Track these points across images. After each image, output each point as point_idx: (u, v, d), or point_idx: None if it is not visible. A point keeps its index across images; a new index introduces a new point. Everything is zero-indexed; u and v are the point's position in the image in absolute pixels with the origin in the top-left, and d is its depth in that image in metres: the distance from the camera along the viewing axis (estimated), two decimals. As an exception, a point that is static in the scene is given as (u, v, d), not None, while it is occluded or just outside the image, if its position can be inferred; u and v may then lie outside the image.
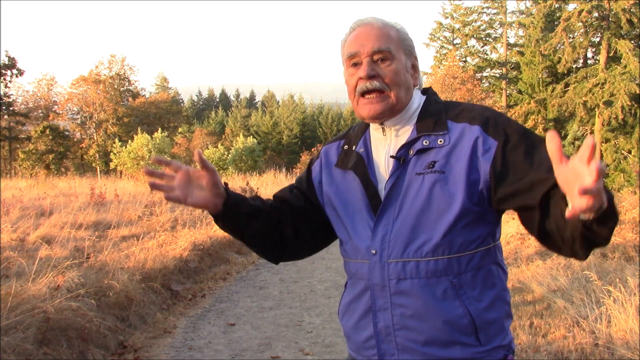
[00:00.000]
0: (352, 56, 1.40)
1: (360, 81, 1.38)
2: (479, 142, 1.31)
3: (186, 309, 5.55)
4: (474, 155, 1.31)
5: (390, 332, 1.37)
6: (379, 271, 1.37)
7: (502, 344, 1.38)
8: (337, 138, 1.59)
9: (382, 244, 1.36)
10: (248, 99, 68.90)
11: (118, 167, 30.14)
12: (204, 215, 9.16)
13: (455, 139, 1.34)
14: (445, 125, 1.36)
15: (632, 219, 8.88)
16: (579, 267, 5.49)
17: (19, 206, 9.87)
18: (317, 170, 1.56)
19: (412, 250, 1.34)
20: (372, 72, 1.37)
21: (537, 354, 3.82)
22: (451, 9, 40.40)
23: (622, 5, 28.15)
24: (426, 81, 37.98)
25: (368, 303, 1.41)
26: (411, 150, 1.37)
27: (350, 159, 1.47)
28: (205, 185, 1.39)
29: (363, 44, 1.38)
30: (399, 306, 1.35)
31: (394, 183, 1.36)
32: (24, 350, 3.48)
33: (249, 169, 31.12)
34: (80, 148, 41.87)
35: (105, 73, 43.39)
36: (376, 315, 1.39)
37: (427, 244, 1.33)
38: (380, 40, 1.37)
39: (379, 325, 1.38)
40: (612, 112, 28.16)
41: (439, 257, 1.33)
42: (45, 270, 4.59)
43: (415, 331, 1.34)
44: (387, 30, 1.40)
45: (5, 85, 37.29)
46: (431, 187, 1.32)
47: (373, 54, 1.37)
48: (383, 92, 1.37)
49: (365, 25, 1.41)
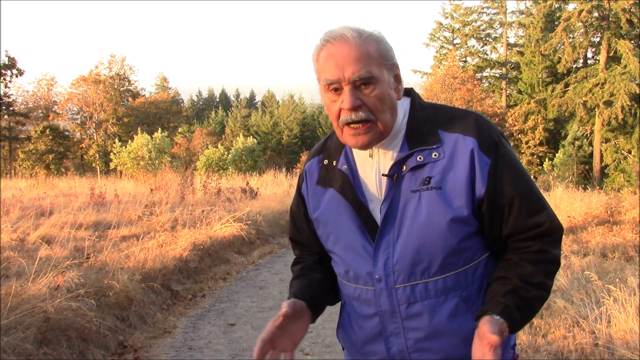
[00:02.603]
0: (331, 83, 1.27)
1: (344, 112, 1.27)
2: (475, 157, 1.27)
3: (186, 309, 5.55)
4: (473, 169, 1.27)
5: (405, 355, 1.33)
6: (386, 298, 1.31)
7: (510, 344, 1.38)
8: (316, 152, 1.48)
9: (385, 270, 1.30)
10: (248, 99, 68.89)
11: (118, 167, 30.11)
12: (204, 215, 9.16)
13: (450, 152, 1.28)
14: (438, 137, 1.30)
15: (632, 219, 8.89)
16: (579, 267, 5.50)
17: (19, 206, 9.86)
18: (306, 192, 1.48)
19: (418, 272, 1.28)
20: (357, 102, 1.25)
21: (537, 354, 3.82)
22: (451, 9, 40.42)
23: (622, 5, 28.15)
24: (426, 81, 37.99)
25: (377, 328, 1.35)
26: (404, 166, 1.30)
27: (332, 176, 1.38)
28: (293, 325, 1.35)
29: (343, 69, 1.24)
30: (412, 330, 1.31)
31: (390, 203, 1.29)
32: (24, 350, 3.49)
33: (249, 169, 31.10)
34: (80, 148, 41.86)
35: (105, 73, 43.39)
36: (388, 341, 1.34)
37: (434, 263, 1.28)
38: (361, 64, 1.23)
39: (392, 350, 1.34)
40: (612, 112, 28.16)
41: (447, 274, 1.29)
42: (45, 270, 4.58)
43: (431, 352, 1.31)
44: (365, 47, 1.25)
45: (5, 85, 37.29)
46: (430, 205, 1.27)
47: (354, 82, 1.25)
48: (369, 121, 1.27)
49: (341, 41, 1.25)
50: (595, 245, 7.04)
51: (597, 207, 9.58)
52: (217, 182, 15.60)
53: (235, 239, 8.62)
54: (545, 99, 33.07)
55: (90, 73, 42.59)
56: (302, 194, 1.48)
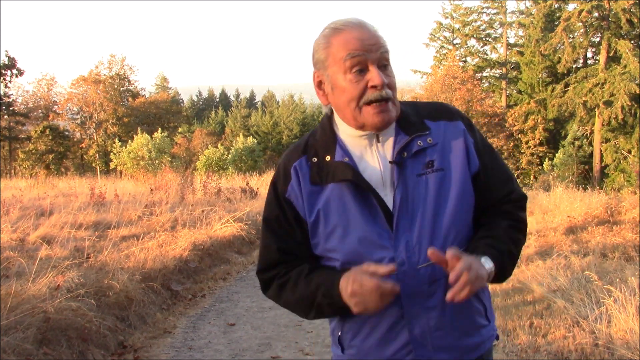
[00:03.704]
0: (358, 62, 1.31)
1: (372, 90, 1.31)
2: (467, 136, 1.41)
3: (186, 309, 5.55)
4: (469, 147, 1.40)
5: (426, 336, 1.36)
6: (410, 280, 1.33)
7: (494, 318, 1.51)
8: (299, 152, 1.44)
9: (407, 252, 1.33)
10: (248, 99, 68.86)
11: (118, 167, 30.11)
12: (204, 215, 9.17)
13: (442, 136, 1.39)
14: (426, 125, 1.40)
15: (632, 219, 8.89)
16: (579, 267, 5.49)
17: (19, 206, 9.86)
18: (296, 193, 1.40)
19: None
20: (387, 79, 1.33)
21: (537, 354, 3.82)
22: (451, 9, 40.41)
23: (622, 5, 28.14)
24: (426, 81, 37.99)
25: (397, 314, 1.36)
26: (405, 153, 1.36)
27: (328, 171, 1.37)
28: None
29: (369, 48, 1.31)
30: (433, 309, 1.35)
31: (403, 188, 1.35)
32: (24, 350, 3.48)
33: (249, 169, 31.10)
34: (80, 148, 41.85)
35: (105, 73, 43.39)
36: (411, 323, 1.36)
37: (448, 240, 1.35)
38: (384, 47, 1.34)
39: (415, 332, 1.36)
40: (612, 112, 28.16)
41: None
42: (45, 270, 4.58)
43: (451, 328, 1.37)
44: (380, 34, 1.36)
45: (5, 85, 37.27)
46: (438, 186, 1.35)
47: (380, 60, 1.32)
48: (391, 100, 1.34)
49: (361, 26, 1.34)
50: (595, 245, 7.04)
51: (597, 207, 9.57)
52: (217, 182, 15.60)
53: (235, 239, 8.63)
54: (545, 99, 33.06)
55: (90, 73, 42.59)
56: (288, 198, 1.40)
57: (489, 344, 1.46)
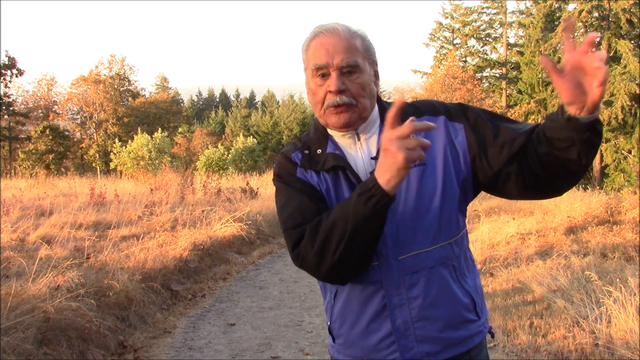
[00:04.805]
0: (320, 68, 1.39)
1: (330, 95, 1.39)
2: (450, 129, 1.42)
3: (186, 309, 5.55)
4: (450, 141, 1.41)
5: (409, 326, 1.39)
6: (391, 270, 1.38)
7: (487, 315, 1.52)
8: (293, 148, 1.51)
9: (389, 243, 1.38)
10: (248, 99, 68.90)
11: (118, 167, 30.11)
12: (204, 215, 9.17)
13: (424, 132, 1.40)
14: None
15: (632, 219, 8.88)
16: (579, 267, 5.49)
17: (19, 206, 9.87)
18: (307, 175, 1.45)
19: (418, 242, 1.38)
20: (342, 86, 1.37)
21: (537, 354, 3.82)
22: (451, 9, 40.40)
23: (622, 5, 28.14)
24: (426, 81, 37.99)
25: (380, 304, 1.40)
26: None
27: (322, 160, 1.44)
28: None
29: (332, 56, 1.37)
30: (414, 299, 1.38)
31: None
32: (24, 350, 3.49)
33: (249, 169, 31.11)
34: (80, 148, 41.87)
35: (105, 73, 43.41)
36: (393, 313, 1.40)
37: (429, 233, 1.38)
38: (348, 53, 1.38)
39: (397, 323, 1.40)
40: (612, 112, 28.15)
41: (442, 243, 1.40)
42: (45, 270, 4.59)
43: (433, 319, 1.39)
44: (353, 40, 1.40)
45: (5, 85, 37.30)
46: (419, 180, 1.39)
47: (342, 68, 1.38)
48: (351, 105, 1.39)
49: (331, 33, 1.40)
50: (595, 245, 7.04)
51: (597, 207, 9.56)
52: (217, 182, 15.60)
53: (235, 239, 8.63)
54: (545, 99, 33.05)
55: (90, 73, 42.62)
56: (299, 177, 1.45)
57: (478, 340, 1.45)
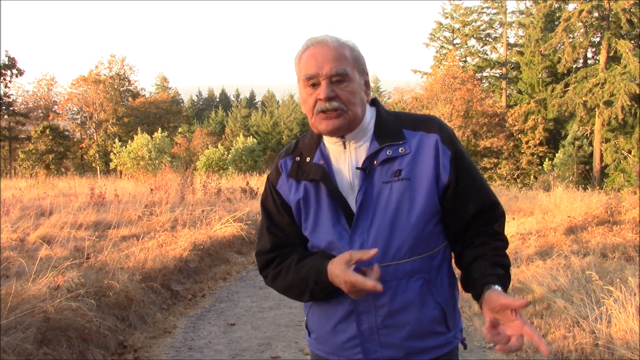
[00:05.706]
0: (310, 78, 1.44)
1: (319, 102, 1.44)
2: (440, 149, 1.46)
3: (186, 309, 5.55)
4: (438, 160, 1.45)
5: (374, 332, 1.46)
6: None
7: (460, 327, 1.57)
8: (287, 152, 1.60)
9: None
10: (248, 99, 68.90)
11: (118, 167, 30.11)
12: (204, 215, 9.17)
13: (416, 147, 1.46)
14: (402, 135, 1.48)
15: (632, 219, 8.88)
16: (579, 267, 5.49)
17: (19, 206, 9.86)
18: (286, 186, 1.55)
19: (390, 255, 1.43)
20: (332, 93, 1.42)
21: (537, 354, 3.82)
22: (451, 9, 40.41)
23: (622, 5, 28.15)
24: (426, 81, 37.97)
25: (348, 308, 1.47)
26: (375, 160, 1.45)
27: (307, 170, 1.51)
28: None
29: (321, 65, 1.43)
30: (381, 307, 1.44)
31: (364, 193, 1.44)
32: (24, 350, 3.48)
33: (249, 169, 31.11)
34: (80, 148, 41.86)
35: (105, 73, 43.39)
36: (360, 318, 1.46)
37: (404, 247, 1.43)
38: (337, 62, 1.43)
39: (362, 327, 1.46)
40: (612, 112, 28.16)
41: (415, 257, 1.44)
42: (45, 270, 4.58)
43: (397, 328, 1.44)
44: (342, 50, 1.45)
45: (5, 85, 37.30)
46: (400, 195, 1.43)
47: (331, 77, 1.42)
48: (342, 111, 1.44)
49: (321, 44, 1.45)
50: (595, 245, 7.04)
51: (597, 207, 9.56)
52: (217, 182, 15.61)
53: (235, 239, 8.63)
54: (545, 99, 33.06)
55: (90, 73, 42.60)
56: (278, 190, 1.56)
57: (447, 350, 1.50)
